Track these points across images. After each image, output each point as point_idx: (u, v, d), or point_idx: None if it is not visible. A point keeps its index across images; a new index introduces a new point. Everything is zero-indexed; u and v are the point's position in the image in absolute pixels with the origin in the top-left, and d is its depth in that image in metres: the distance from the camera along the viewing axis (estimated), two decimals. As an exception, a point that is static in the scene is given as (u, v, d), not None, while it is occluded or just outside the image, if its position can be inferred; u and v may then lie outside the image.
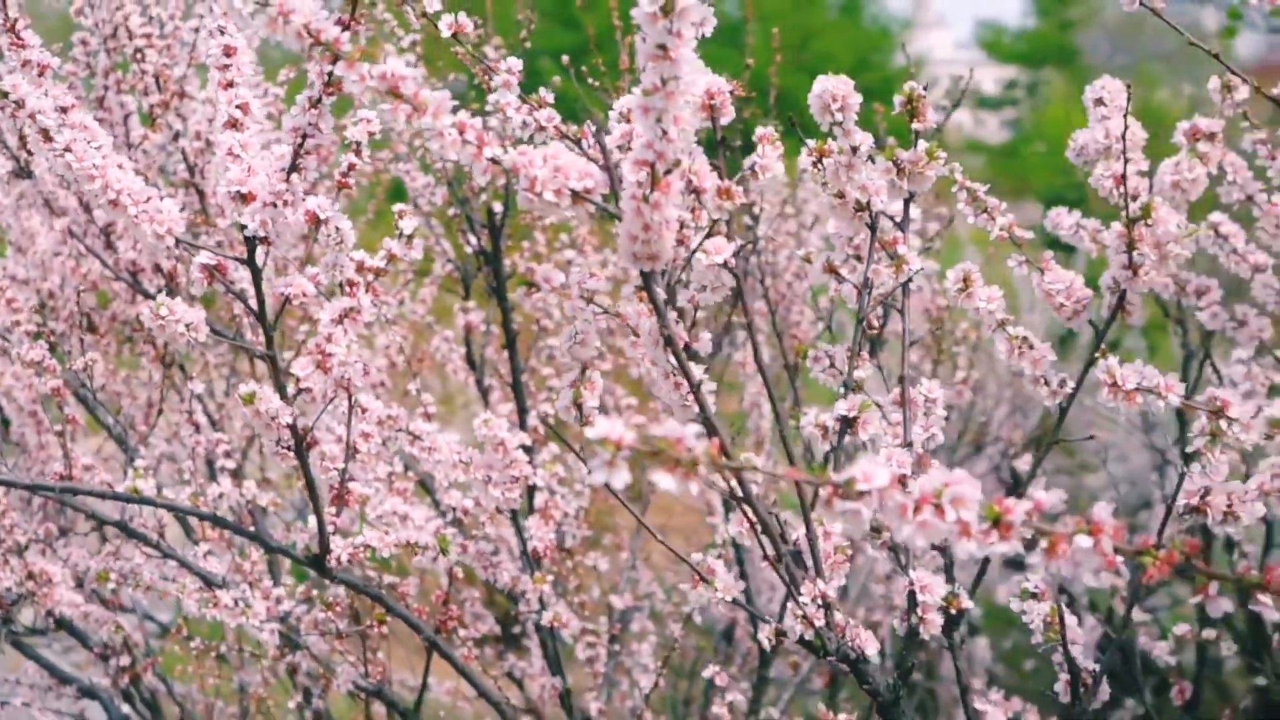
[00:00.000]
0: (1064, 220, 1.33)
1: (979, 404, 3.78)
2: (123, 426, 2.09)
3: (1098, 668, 1.21)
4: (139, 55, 1.90)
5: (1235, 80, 1.31)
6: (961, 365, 2.89)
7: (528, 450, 1.75)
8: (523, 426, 2.11)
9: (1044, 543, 0.80)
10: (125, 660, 2.02)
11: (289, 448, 1.36)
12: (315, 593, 1.88)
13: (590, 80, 2.06)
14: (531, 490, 1.74)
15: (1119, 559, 0.78)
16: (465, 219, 2.11)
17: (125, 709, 2.10)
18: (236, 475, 2.04)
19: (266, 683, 2.33)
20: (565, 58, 2.07)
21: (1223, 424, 1.02)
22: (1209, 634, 1.97)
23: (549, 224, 2.50)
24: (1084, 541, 0.79)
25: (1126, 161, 1.19)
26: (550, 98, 1.15)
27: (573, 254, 2.31)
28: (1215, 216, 1.43)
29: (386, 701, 1.85)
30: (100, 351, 2.07)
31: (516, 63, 1.15)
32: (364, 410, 1.51)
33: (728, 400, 2.91)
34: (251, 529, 1.54)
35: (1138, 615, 2.55)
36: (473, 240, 2.11)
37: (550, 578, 1.77)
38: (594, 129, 1.03)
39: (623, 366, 2.72)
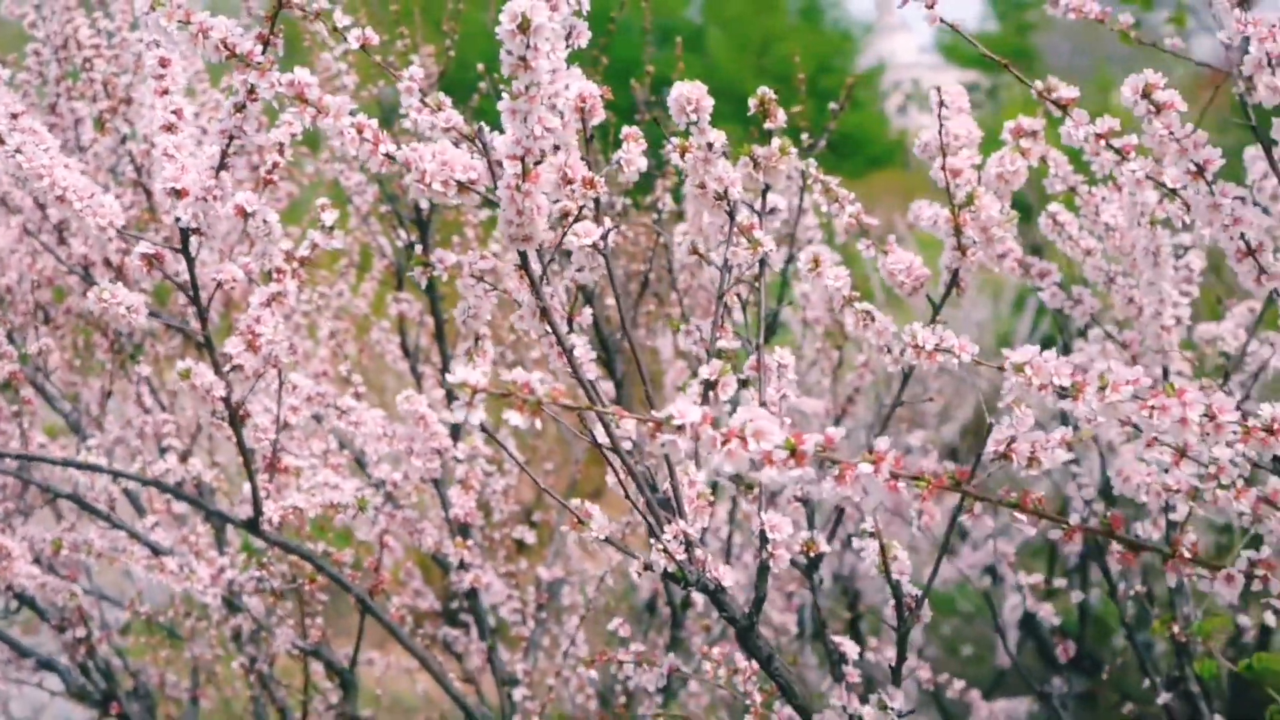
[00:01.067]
0: (924, 212, 1.49)
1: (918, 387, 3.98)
2: (78, 413, 2.23)
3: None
4: (88, 64, 2.05)
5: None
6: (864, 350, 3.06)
7: (455, 429, 1.92)
8: (455, 433, 2.26)
9: (834, 471, 0.96)
10: (81, 632, 2.16)
11: (224, 419, 1.51)
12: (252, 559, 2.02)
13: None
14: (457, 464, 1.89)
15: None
16: (395, 215, 2.27)
17: (82, 680, 2.24)
18: (184, 458, 2.18)
19: (216, 656, 2.48)
20: (480, 66, 2.22)
21: (1023, 381, 1.17)
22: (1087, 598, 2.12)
23: (479, 219, 2.67)
24: (865, 468, 0.95)
25: (946, 155, 1.36)
26: (449, 101, 1.31)
27: (498, 247, 2.47)
28: (1053, 206, 1.61)
29: (324, 661, 2.01)
30: (56, 341, 2.21)
31: (419, 71, 1.30)
32: (294, 387, 1.67)
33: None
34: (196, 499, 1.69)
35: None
36: (403, 235, 2.27)
37: (474, 545, 1.93)
38: (478, 128, 1.18)
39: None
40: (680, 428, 0.92)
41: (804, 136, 1.95)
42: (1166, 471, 1.12)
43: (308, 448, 2.00)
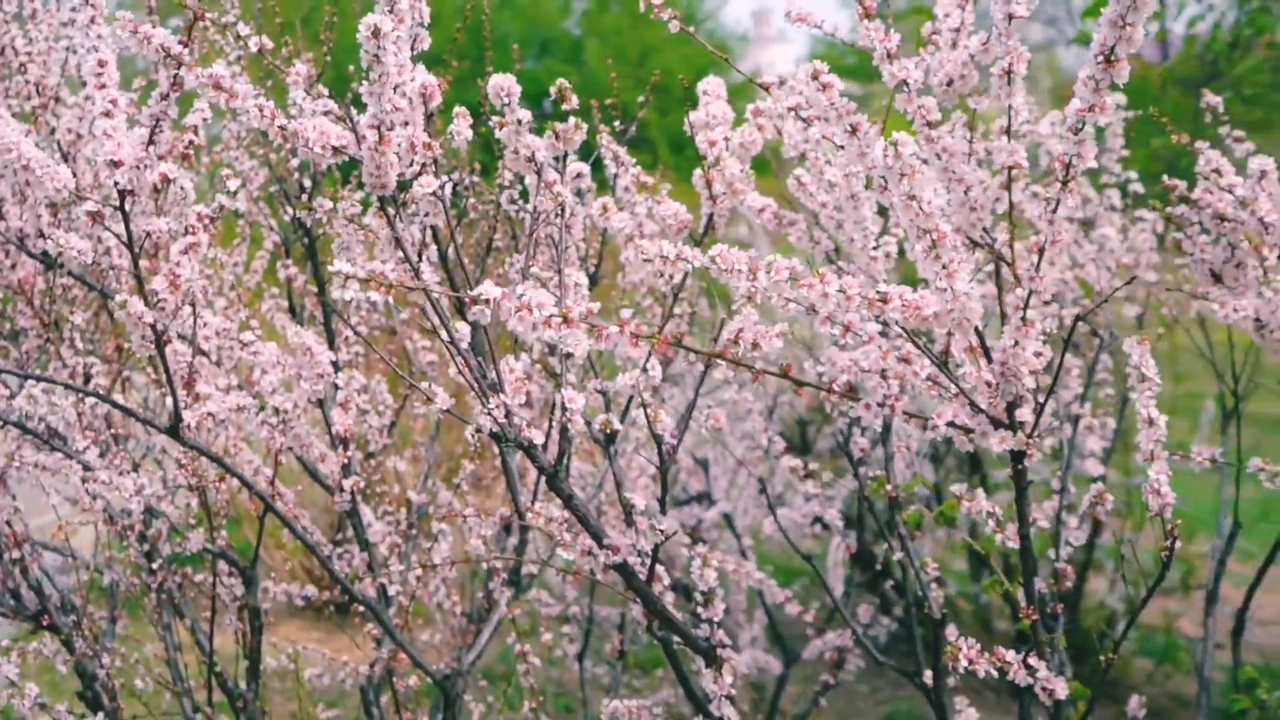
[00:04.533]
0: (696, 177, 1.96)
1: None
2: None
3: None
4: (22, 68, 2.45)
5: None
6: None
7: (335, 365, 2.34)
8: (336, 366, 2.69)
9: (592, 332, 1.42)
10: (15, 554, 2.54)
11: (153, 342, 1.92)
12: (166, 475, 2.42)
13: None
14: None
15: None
16: (283, 194, 2.69)
17: (12, 602, 2.61)
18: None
19: (131, 586, 2.86)
20: (351, 68, 2.65)
21: (746, 283, 1.64)
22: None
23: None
24: (613, 329, 1.41)
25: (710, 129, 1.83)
26: (326, 91, 1.75)
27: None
28: (797, 170, 2.09)
29: (229, 561, 2.43)
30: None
31: (302, 68, 1.74)
32: (204, 323, 2.09)
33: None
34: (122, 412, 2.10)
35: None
36: (289, 211, 2.69)
37: (358, 478, 2.36)
38: (347, 109, 1.63)
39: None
40: (486, 300, 1.38)
41: (616, 124, 2.42)
42: (841, 347, 1.60)
43: (213, 381, 2.42)
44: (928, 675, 2.07)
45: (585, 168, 1.91)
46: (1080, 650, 5.47)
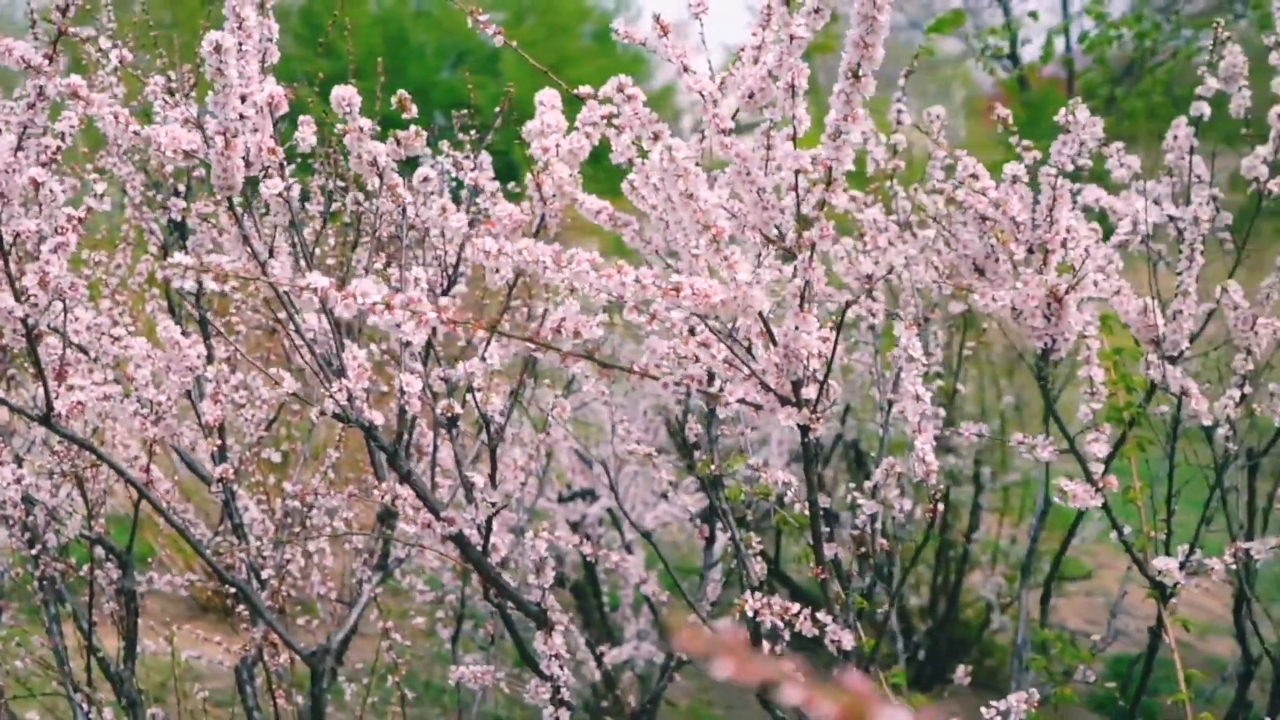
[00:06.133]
0: (540, 180, 2.12)
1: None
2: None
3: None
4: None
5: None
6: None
7: (211, 359, 2.47)
8: (210, 356, 2.82)
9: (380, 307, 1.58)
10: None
11: (24, 336, 2.05)
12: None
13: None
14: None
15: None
16: (158, 198, 2.82)
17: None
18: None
19: (16, 575, 2.98)
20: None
21: (551, 274, 1.80)
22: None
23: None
24: (431, 314, 1.57)
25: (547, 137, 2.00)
26: (185, 100, 1.89)
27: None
28: (632, 175, 2.26)
29: (105, 546, 2.55)
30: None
31: (160, 79, 1.89)
32: (76, 317, 2.22)
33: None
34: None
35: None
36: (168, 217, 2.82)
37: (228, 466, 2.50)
38: (197, 116, 1.77)
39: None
40: (315, 289, 1.53)
41: (472, 133, 2.58)
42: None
43: (88, 376, 2.54)
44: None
45: (433, 173, 2.07)
46: (959, 643, 5.70)
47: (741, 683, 0.45)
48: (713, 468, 2.17)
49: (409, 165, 2.08)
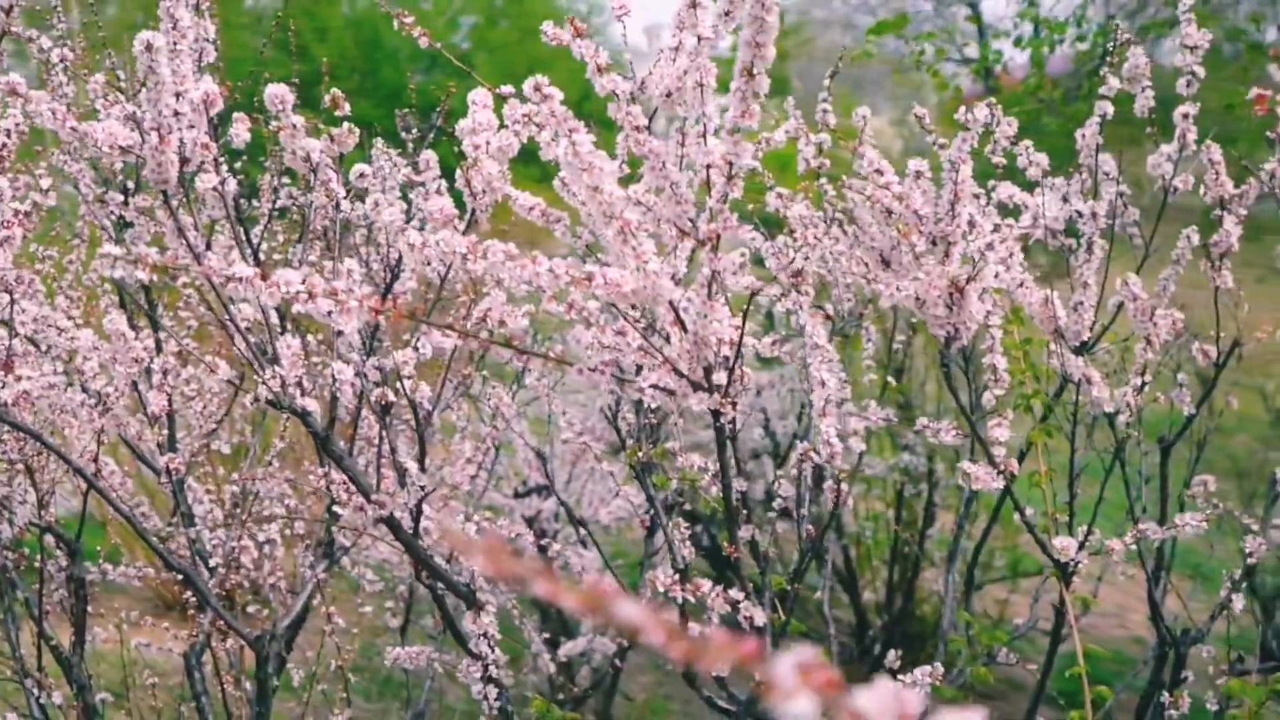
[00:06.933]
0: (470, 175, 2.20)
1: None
2: None
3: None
4: None
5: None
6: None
7: (159, 345, 2.53)
8: (158, 347, 2.88)
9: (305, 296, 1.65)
10: None
11: (-32, 326, 2.12)
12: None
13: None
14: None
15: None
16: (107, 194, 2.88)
17: None
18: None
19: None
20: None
21: (470, 264, 1.87)
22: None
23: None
24: (353, 302, 1.64)
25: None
26: (123, 98, 1.96)
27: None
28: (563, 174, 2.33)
29: (55, 535, 2.61)
30: None
31: (100, 77, 1.95)
32: (22, 310, 2.28)
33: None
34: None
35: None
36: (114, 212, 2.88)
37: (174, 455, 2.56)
38: (133, 114, 1.84)
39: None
40: (240, 278, 1.60)
41: (414, 131, 2.65)
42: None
43: (37, 367, 2.60)
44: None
45: (368, 169, 2.14)
46: (915, 637, 5.79)
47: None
48: (640, 455, 2.24)
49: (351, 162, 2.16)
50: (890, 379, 2.75)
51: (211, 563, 2.74)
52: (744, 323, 1.73)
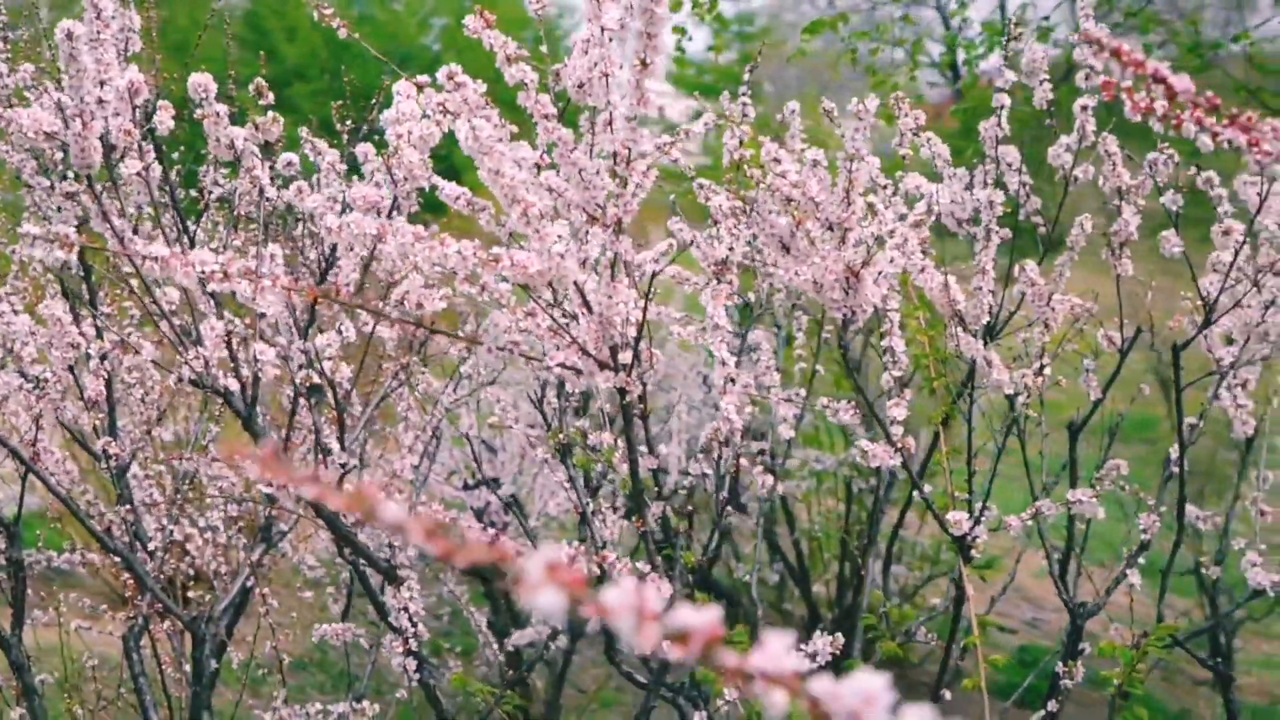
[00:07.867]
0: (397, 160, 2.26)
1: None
2: None
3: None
4: None
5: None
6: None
7: (99, 331, 2.59)
8: (99, 333, 2.94)
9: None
10: None
11: (-98, 310, 2.17)
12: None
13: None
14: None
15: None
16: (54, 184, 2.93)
17: None
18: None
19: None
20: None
21: (382, 247, 1.93)
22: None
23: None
24: (267, 283, 1.71)
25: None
26: (51, 87, 2.01)
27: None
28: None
29: (-5, 518, 2.66)
30: None
31: (29, 66, 2.01)
32: (-40, 296, 2.34)
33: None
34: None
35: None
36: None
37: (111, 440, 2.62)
38: (58, 102, 1.90)
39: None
40: (157, 258, 1.66)
41: (347, 123, 2.71)
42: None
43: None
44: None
45: (294, 157, 2.20)
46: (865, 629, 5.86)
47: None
48: (560, 437, 2.31)
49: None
50: (820, 368, 2.82)
51: (150, 546, 2.79)
52: (646, 304, 1.80)
